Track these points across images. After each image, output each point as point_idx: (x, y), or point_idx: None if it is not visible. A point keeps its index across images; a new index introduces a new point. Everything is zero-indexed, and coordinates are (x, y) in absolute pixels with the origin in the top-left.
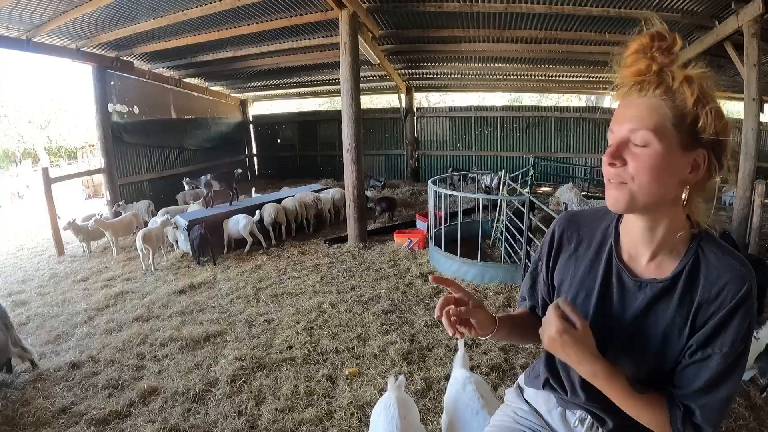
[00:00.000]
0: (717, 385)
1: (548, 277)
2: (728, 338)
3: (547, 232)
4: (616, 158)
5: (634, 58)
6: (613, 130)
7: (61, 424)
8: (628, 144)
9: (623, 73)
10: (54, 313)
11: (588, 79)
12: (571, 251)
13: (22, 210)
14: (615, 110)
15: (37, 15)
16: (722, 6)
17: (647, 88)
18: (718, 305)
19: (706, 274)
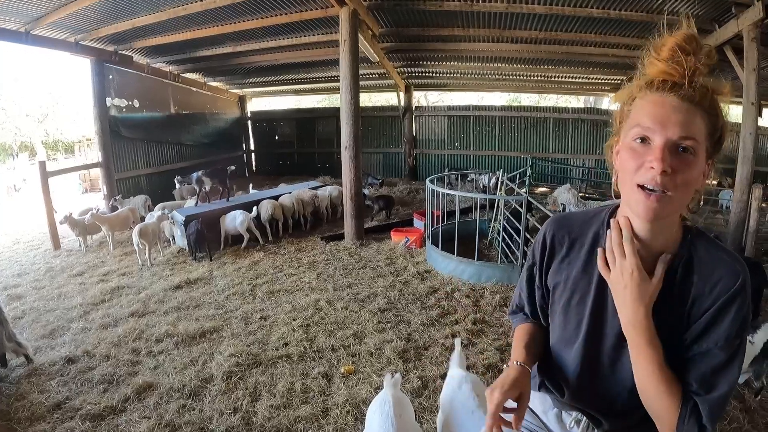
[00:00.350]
0: (717, 381)
1: (542, 281)
2: (723, 333)
3: (537, 237)
4: (669, 166)
5: (675, 53)
6: (651, 127)
7: (56, 418)
8: (674, 150)
9: (660, 67)
10: (49, 307)
11: (587, 80)
12: (564, 254)
13: (18, 203)
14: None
15: (37, 7)
16: (723, 10)
17: (686, 90)
18: (712, 300)
19: (699, 270)
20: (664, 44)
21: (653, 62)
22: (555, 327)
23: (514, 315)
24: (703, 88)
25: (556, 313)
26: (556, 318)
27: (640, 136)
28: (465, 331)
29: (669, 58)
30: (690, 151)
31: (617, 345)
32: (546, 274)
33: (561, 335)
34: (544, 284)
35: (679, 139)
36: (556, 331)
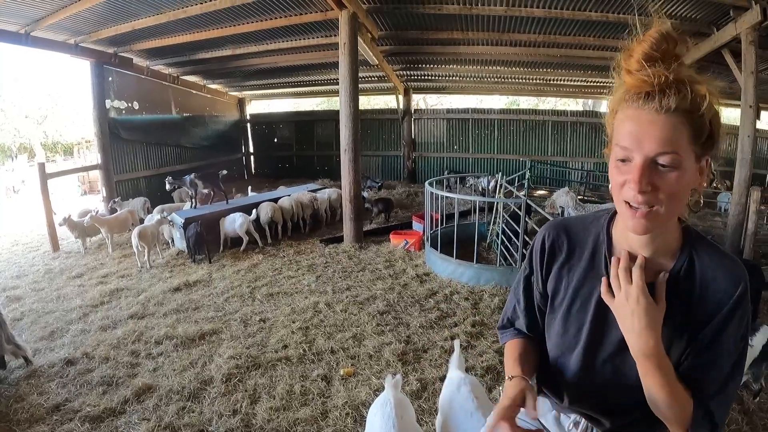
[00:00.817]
0: (727, 385)
1: (543, 287)
2: (730, 338)
3: (535, 242)
4: (647, 184)
5: (642, 64)
6: (629, 147)
7: (55, 420)
8: (654, 166)
9: (630, 80)
10: (48, 309)
11: (586, 83)
12: (563, 260)
13: (17, 205)
14: (620, 122)
15: (37, 9)
16: (721, 13)
17: (663, 100)
18: (716, 306)
19: (701, 275)
20: (632, 53)
21: (625, 74)
22: (553, 334)
23: (504, 330)
24: (680, 91)
25: (555, 320)
26: (555, 325)
27: (620, 158)
28: (464, 334)
29: (638, 69)
30: (671, 165)
31: (619, 352)
32: (546, 279)
33: (560, 342)
34: (545, 290)
35: (656, 156)
36: (555, 338)
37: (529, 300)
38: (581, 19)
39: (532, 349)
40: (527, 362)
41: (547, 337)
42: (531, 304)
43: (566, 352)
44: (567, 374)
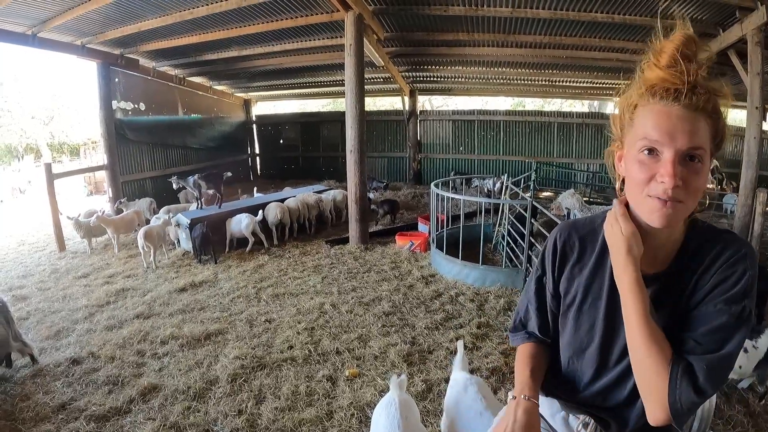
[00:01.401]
0: (717, 340)
1: (555, 288)
2: (723, 293)
3: (546, 244)
4: (680, 179)
5: (677, 59)
6: (659, 140)
7: (61, 419)
8: (684, 161)
9: (661, 75)
10: (54, 308)
11: (591, 84)
12: (575, 260)
13: (23, 205)
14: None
15: (43, 10)
16: (726, 14)
17: (693, 99)
18: (716, 267)
19: (702, 252)
20: (664, 50)
21: (653, 68)
22: (566, 333)
23: (515, 333)
24: (705, 93)
25: (568, 318)
26: (568, 324)
27: (647, 148)
28: (469, 335)
29: (669, 65)
30: (698, 159)
31: None
32: (558, 280)
33: (572, 341)
34: (557, 291)
35: (688, 150)
36: (568, 336)
37: (541, 301)
38: (587, 20)
39: (543, 357)
40: (538, 374)
41: (561, 337)
42: (543, 305)
43: (579, 350)
44: (580, 374)
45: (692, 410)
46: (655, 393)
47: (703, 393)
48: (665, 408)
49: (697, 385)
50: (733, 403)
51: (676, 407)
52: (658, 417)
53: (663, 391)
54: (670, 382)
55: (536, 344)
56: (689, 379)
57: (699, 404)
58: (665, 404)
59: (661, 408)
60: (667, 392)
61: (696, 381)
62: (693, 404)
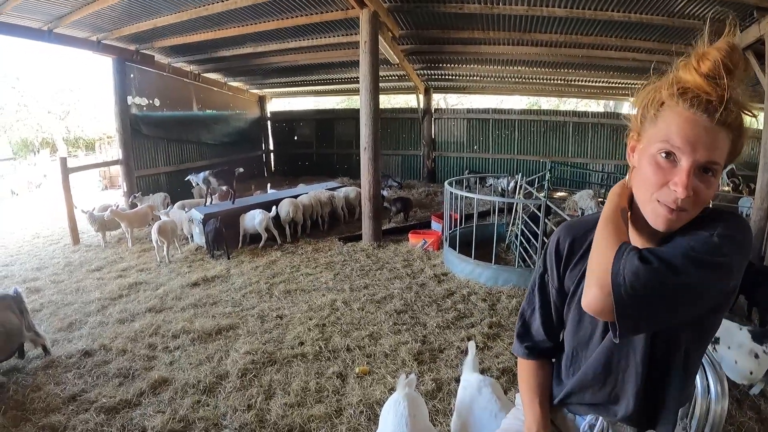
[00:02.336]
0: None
1: (560, 284)
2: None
3: (550, 243)
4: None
5: (717, 71)
6: (681, 147)
7: (71, 410)
8: (698, 172)
9: (696, 80)
10: (68, 301)
11: (607, 84)
12: (578, 258)
13: (38, 199)
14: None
15: (59, 6)
16: (744, 14)
17: (723, 114)
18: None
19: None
20: (707, 57)
21: (691, 71)
22: (570, 325)
23: (519, 341)
24: (735, 110)
25: (572, 311)
26: (571, 317)
27: (666, 151)
28: (481, 335)
29: (709, 75)
30: (712, 173)
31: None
32: (563, 277)
33: (576, 330)
34: (562, 288)
35: (706, 163)
36: (571, 327)
37: (543, 298)
38: (603, 19)
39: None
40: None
41: (566, 330)
42: (546, 303)
43: (583, 342)
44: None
45: (635, 291)
46: (597, 269)
47: (648, 261)
48: (602, 285)
49: (642, 254)
50: (744, 410)
51: (617, 281)
52: (593, 293)
53: (606, 267)
54: (617, 253)
55: (538, 363)
56: (637, 251)
57: (641, 283)
58: (605, 280)
59: (596, 284)
60: (611, 267)
61: (642, 253)
62: (635, 277)
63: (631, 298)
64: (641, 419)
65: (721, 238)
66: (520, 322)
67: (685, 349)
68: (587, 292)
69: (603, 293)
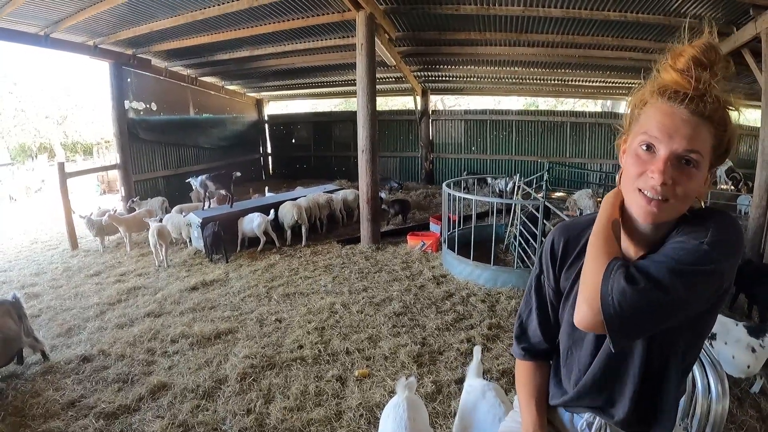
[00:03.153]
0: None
1: (556, 284)
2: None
3: (545, 245)
4: (670, 178)
5: (691, 65)
6: (658, 137)
7: (70, 416)
8: (677, 162)
9: (674, 77)
10: (66, 306)
11: (604, 84)
12: (573, 258)
13: (36, 204)
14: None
15: (56, 11)
16: (740, 12)
17: (700, 104)
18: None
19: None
20: (682, 54)
21: (668, 69)
22: (565, 323)
23: (517, 342)
24: (714, 103)
25: (567, 312)
26: (566, 317)
27: (645, 143)
28: (480, 336)
29: (684, 69)
30: (692, 164)
31: None
32: (558, 278)
33: (571, 333)
34: (559, 288)
35: (683, 152)
36: (566, 326)
37: (540, 299)
38: (599, 19)
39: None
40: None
41: (560, 334)
42: (542, 304)
43: (577, 342)
44: (580, 365)
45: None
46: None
47: (634, 282)
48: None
49: (630, 272)
50: (746, 408)
51: (606, 301)
52: (583, 312)
53: (596, 285)
54: (605, 271)
55: (534, 364)
56: (625, 270)
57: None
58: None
59: (586, 302)
60: (599, 285)
61: (630, 270)
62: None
63: (620, 318)
64: (637, 421)
65: (710, 246)
66: (518, 323)
67: (682, 350)
68: (578, 310)
69: (593, 312)
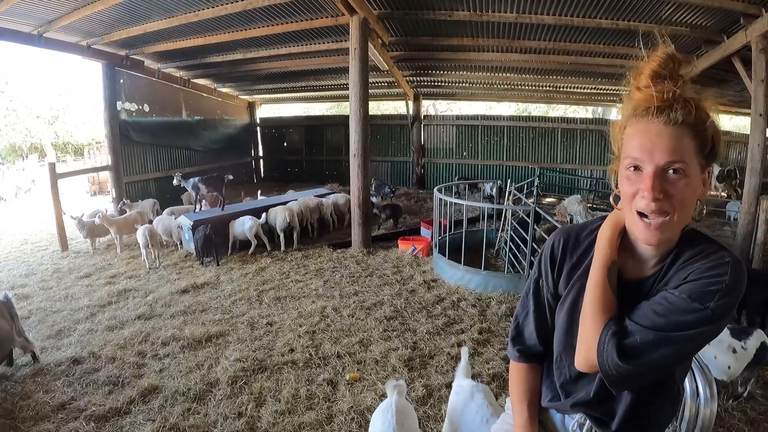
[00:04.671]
0: (662, 320)
1: (555, 288)
2: (695, 288)
3: (545, 249)
4: (660, 192)
5: (651, 81)
6: (641, 158)
7: (60, 419)
8: (664, 175)
9: (639, 96)
10: (56, 308)
11: (595, 90)
12: (573, 263)
13: (26, 204)
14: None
15: (49, 11)
16: (731, 21)
17: (671, 114)
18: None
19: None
20: (642, 71)
21: (634, 90)
22: (559, 330)
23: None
24: (686, 107)
25: (561, 315)
26: (561, 322)
27: (632, 165)
28: (471, 341)
29: (647, 86)
30: (680, 173)
31: None
32: (557, 283)
33: (563, 337)
34: (557, 292)
35: (666, 165)
36: (559, 333)
37: (538, 303)
38: (591, 26)
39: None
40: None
41: (555, 340)
42: (540, 307)
43: (568, 349)
44: (569, 371)
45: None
46: (585, 341)
47: (626, 357)
48: (588, 359)
49: (622, 345)
50: (733, 411)
51: (603, 366)
52: (580, 365)
53: (592, 343)
54: (601, 334)
55: (528, 366)
56: (617, 340)
57: (628, 371)
58: (590, 356)
59: (584, 357)
60: (596, 345)
61: (622, 343)
62: (618, 368)
63: (617, 378)
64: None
65: (713, 310)
66: (514, 325)
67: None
68: (579, 355)
69: (591, 365)
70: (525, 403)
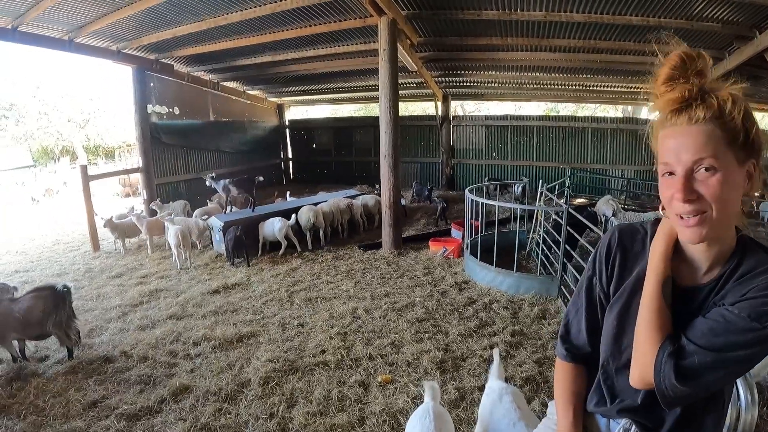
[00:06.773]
0: (719, 340)
1: (606, 288)
2: (754, 306)
3: (600, 247)
4: (692, 192)
5: (669, 85)
6: (671, 162)
7: (92, 417)
8: (694, 175)
9: (660, 103)
10: (88, 307)
11: (626, 89)
12: (627, 267)
13: (58, 206)
14: (661, 141)
15: (80, 16)
16: (763, 16)
17: (692, 113)
18: (754, 283)
19: (743, 276)
20: (658, 77)
21: (656, 97)
22: (607, 332)
23: (561, 342)
24: (706, 101)
25: (611, 318)
26: (610, 325)
27: (666, 171)
28: (503, 343)
29: (664, 91)
30: (711, 169)
31: None
32: (610, 281)
33: (613, 345)
34: (608, 293)
35: (694, 163)
36: (609, 336)
37: (589, 300)
38: (621, 23)
39: (583, 383)
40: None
41: (603, 335)
42: (591, 304)
43: (617, 353)
44: (616, 376)
45: (679, 398)
46: (641, 360)
47: (684, 379)
48: (644, 378)
49: (680, 367)
50: None
51: (660, 386)
52: (636, 383)
53: (649, 363)
54: (657, 354)
55: (575, 367)
56: (675, 361)
57: (684, 393)
58: (646, 375)
59: (639, 376)
60: (653, 365)
61: (680, 365)
62: (675, 389)
63: (673, 398)
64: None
65: None
66: (564, 322)
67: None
68: (634, 372)
69: (646, 383)
70: (571, 407)
